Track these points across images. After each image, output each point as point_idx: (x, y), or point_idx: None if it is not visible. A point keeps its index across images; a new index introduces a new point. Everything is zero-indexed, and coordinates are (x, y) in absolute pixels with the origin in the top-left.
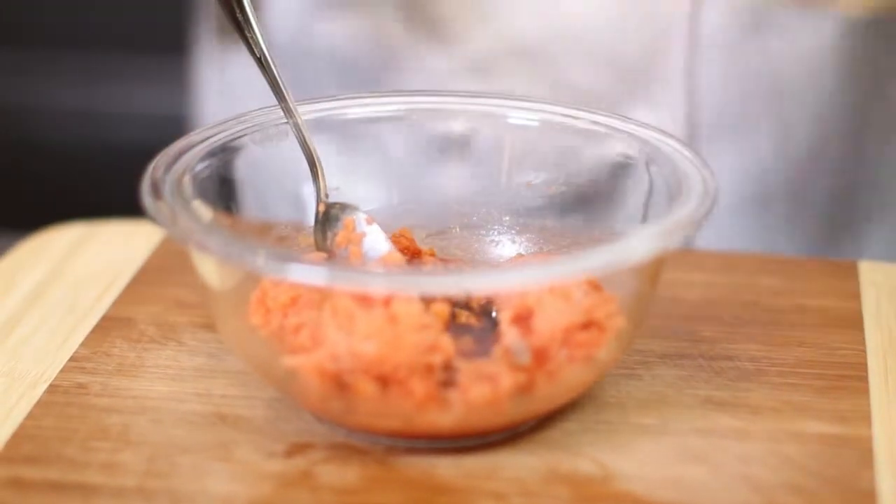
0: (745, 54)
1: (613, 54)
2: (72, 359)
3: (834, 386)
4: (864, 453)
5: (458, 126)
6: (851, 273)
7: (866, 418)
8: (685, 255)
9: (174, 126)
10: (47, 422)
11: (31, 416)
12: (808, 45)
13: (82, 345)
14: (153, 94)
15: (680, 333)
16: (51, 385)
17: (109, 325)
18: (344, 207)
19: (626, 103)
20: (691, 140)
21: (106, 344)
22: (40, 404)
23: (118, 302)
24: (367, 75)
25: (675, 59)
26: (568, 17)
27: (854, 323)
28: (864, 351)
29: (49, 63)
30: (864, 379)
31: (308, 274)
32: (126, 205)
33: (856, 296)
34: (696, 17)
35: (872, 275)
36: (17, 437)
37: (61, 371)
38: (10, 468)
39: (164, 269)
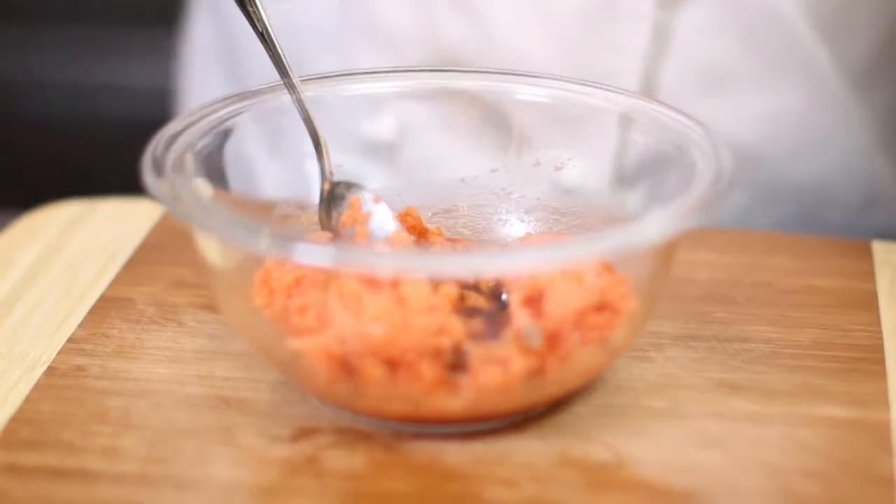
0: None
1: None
2: (70, 340)
3: (850, 369)
4: (881, 437)
5: (465, 102)
6: (865, 253)
7: (883, 402)
8: (695, 234)
9: (172, 101)
10: (45, 405)
11: (28, 399)
12: (766, 108)
13: (80, 326)
14: (150, 68)
15: (692, 315)
16: (49, 367)
17: (108, 306)
18: (349, 186)
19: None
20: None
21: (105, 325)
22: (38, 387)
23: (116, 282)
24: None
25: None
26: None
27: (869, 304)
28: (880, 333)
29: (47, 37)
30: (881, 361)
31: (314, 255)
32: (124, 181)
33: (870, 276)
34: (651, 76)
35: (887, 255)
36: (15, 421)
37: (59, 353)
38: (8, 453)
39: (164, 247)
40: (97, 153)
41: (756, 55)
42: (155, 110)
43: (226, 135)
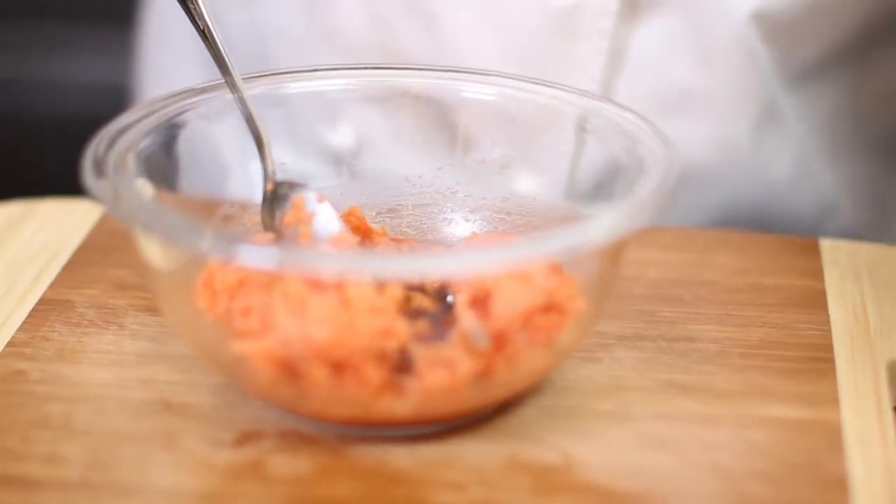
0: None
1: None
2: (9, 344)
3: (799, 368)
4: (832, 438)
5: (410, 99)
6: (812, 251)
7: (833, 401)
8: (641, 233)
9: (110, 97)
10: None
11: None
12: (721, 127)
13: (20, 329)
14: (91, 64)
15: (639, 314)
16: None
17: (48, 309)
18: (293, 186)
19: (507, 145)
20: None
21: (44, 328)
22: None
23: (56, 283)
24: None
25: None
26: None
27: (817, 302)
28: (829, 331)
29: None
30: (830, 360)
31: (257, 256)
32: (62, 181)
33: (818, 274)
34: (608, 95)
35: (835, 253)
36: None
37: None
38: None
39: (104, 248)
40: (35, 152)
41: (711, 73)
42: (98, 107)
43: (170, 133)
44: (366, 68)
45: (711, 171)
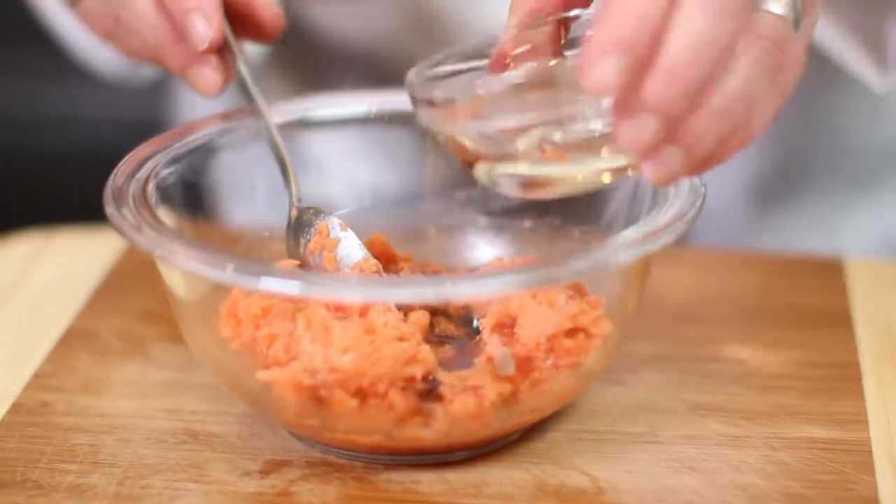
0: None
1: None
2: (35, 375)
3: (827, 388)
4: (862, 457)
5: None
6: (837, 269)
7: (862, 421)
8: (665, 254)
9: (135, 132)
10: (11, 443)
11: None
12: None
13: (45, 360)
14: (111, 97)
15: (664, 336)
16: (14, 404)
17: (73, 339)
18: (317, 212)
19: None
20: None
21: (70, 359)
22: (3, 425)
23: (81, 314)
24: (360, 69)
25: None
26: None
27: (843, 321)
28: (856, 350)
29: (3, 64)
30: (857, 379)
31: (281, 285)
32: (84, 210)
33: (843, 292)
34: None
35: (859, 270)
36: None
37: (24, 389)
38: None
39: (128, 278)
40: (56, 184)
41: None
42: (122, 142)
43: (191, 162)
44: (387, 93)
45: None
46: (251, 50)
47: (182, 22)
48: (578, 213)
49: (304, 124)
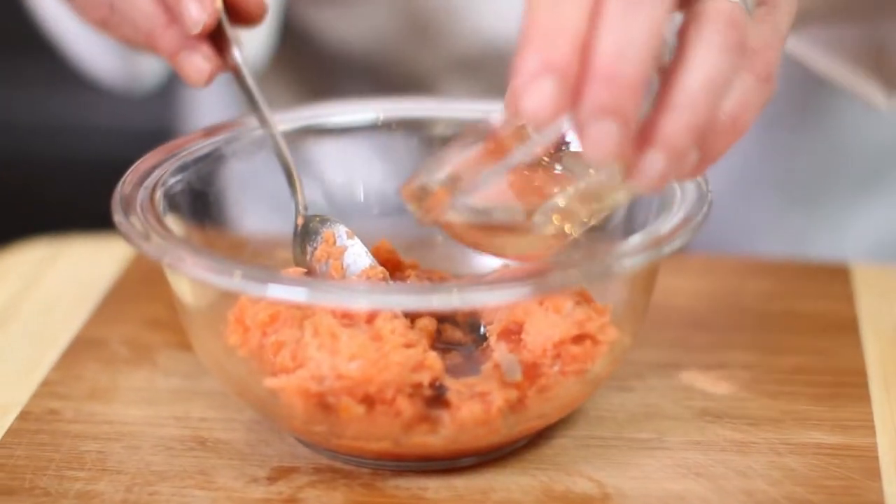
0: None
1: None
2: (43, 383)
3: (833, 393)
4: (868, 463)
5: (439, 132)
6: (844, 276)
7: (869, 426)
8: (671, 260)
9: (143, 141)
10: (20, 451)
11: (2, 444)
12: None
13: (53, 368)
14: (119, 106)
15: (671, 342)
16: (22, 412)
17: (81, 347)
18: (324, 220)
19: None
20: None
21: (78, 367)
22: (11, 432)
23: (89, 322)
24: (359, 73)
25: None
26: None
27: (849, 327)
28: (863, 356)
29: (13, 73)
30: (864, 385)
31: (288, 292)
32: (92, 219)
33: (849, 298)
34: None
35: (866, 276)
36: None
37: (32, 396)
38: None
39: (136, 286)
40: (62, 192)
41: None
42: (131, 150)
43: (198, 171)
44: (395, 100)
45: None
46: (253, 55)
47: (176, 6)
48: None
49: (311, 132)
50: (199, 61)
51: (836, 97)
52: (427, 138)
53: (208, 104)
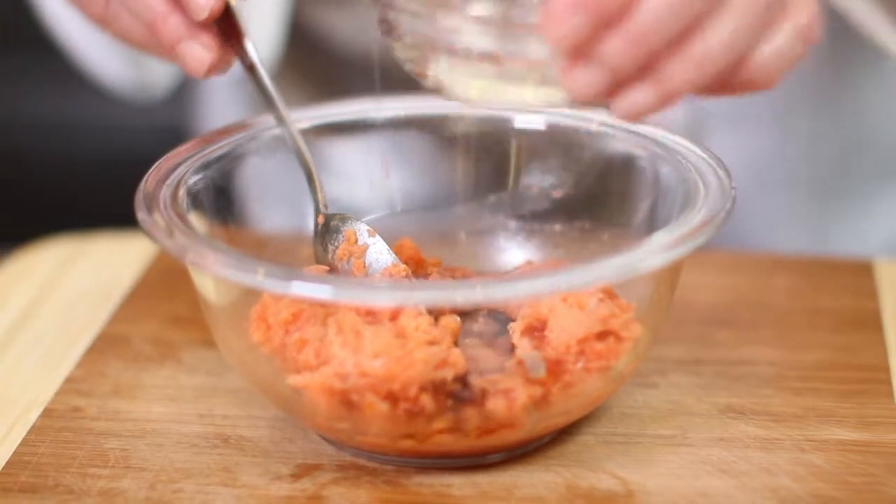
0: None
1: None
2: (67, 381)
3: (857, 390)
4: (892, 459)
5: (462, 130)
6: (867, 271)
7: (892, 422)
8: (695, 256)
9: (164, 139)
10: (43, 448)
11: (25, 442)
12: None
13: (77, 366)
14: (139, 105)
15: (695, 338)
16: (46, 409)
17: (104, 345)
18: (344, 219)
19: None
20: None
21: (101, 364)
22: (35, 429)
23: (112, 320)
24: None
25: None
26: None
27: (873, 323)
28: (886, 352)
29: (36, 71)
30: (888, 381)
31: (312, 290)
32: (114, 217)
33: (872, 295)
34: None
35: (890, 273)
36: (12, 464)
37: (56, 394)
38: (7, 499)
39: (159, 283)
40: (85, 190)
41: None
42: (145, 147)
43: (221, 168)
44: (416, 98)
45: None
46: (262, 56)
47: None
48: (609, 216)
49: (332, 129)
50: (199, 50)
51: (857, 87)
52: (446, 135)
53: (224, 103)
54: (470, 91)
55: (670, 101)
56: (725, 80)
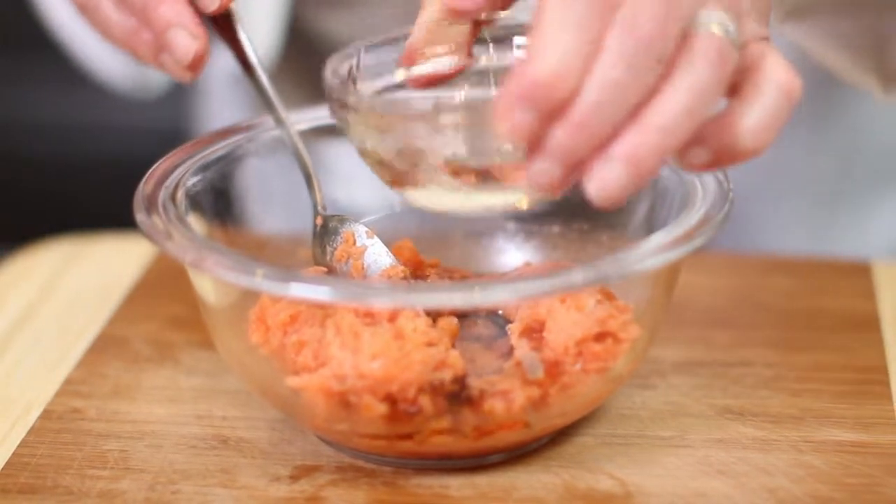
0: None
1: None
2: (66, 382)
3: (854, 391)
4: (890, 460)
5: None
6: (865, 273)
7: (890, 424)
8: (692, 257)
9: (164, 141)
10: (42, 449)
11: (24, 443)
12: None
13: (76, 367)
14: (138, 106)
15: (693, 340)
16: (45, 410)
17: (104, 346)
18: (343, 220)
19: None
20: None
21: (100, 365)
22: (34, 431)
23: (112, 321)
24: None
25: None
26: None
27: (871, 324)
28: (884, 353)
29: (36, 73)
30: (885, 382)
31: (311, 291)
32: (114, 218)
33: (871, 296)
34: None
35: (887, 274)
36: (11, 466)
37: (55, 395)
38: (6, 500)
39: (158, 285)
40: (84, 191)
41: None
42: (141, 149)
43: (219, 170)
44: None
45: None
46: (261, 56)
47: None
48: (607, 218)
49: (331, 131)
50: (187, 38)
51: (855, 95)
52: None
53: (223, 105)
54: (444, 205)
55: (643, 175)
56: (714, 153)
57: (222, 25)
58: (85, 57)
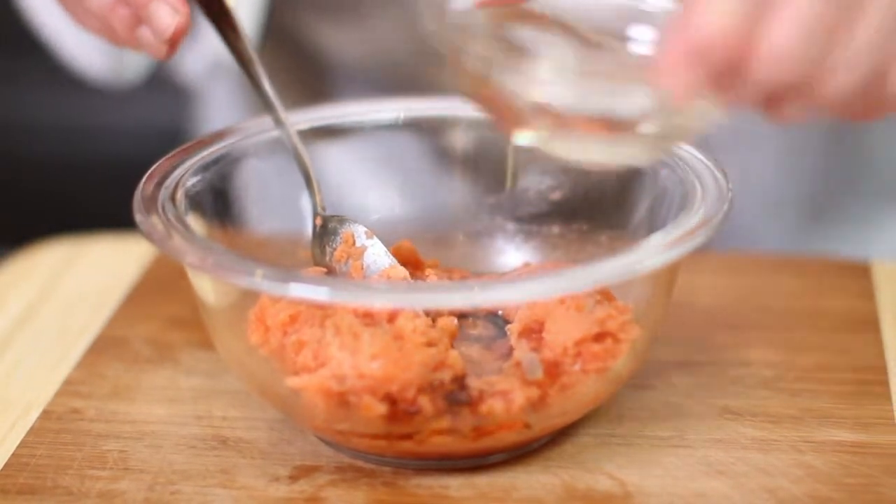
0: None
1: None
2: (65, 382)
3: (854, 391)
4: (889, 461)
5: (460, 132)
6: (864, 273)
7: (890, 424)
8: (692, 257)
9: (163, 141)
10: (41, 450)
11: (24, 444)
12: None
13: (76, 367)
14: (137, 106)
15: (692, 340)
16: (44, 411)
17: (103, 346)
18: (342, 220)
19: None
20: None
21: (100, 366)
22: (33, 431)
23: (111, 321)
24: (365, 86)
25: None
26: None
27: (871, 325)
28: (883, 353)
29: (36, 73)
30: (885, 383)
31: (310, 291)
32: (114, 218)
33: (870, 296)
34: None
35: (887, 274)
36: (11, 466)
37: (55, 395)
38: (5, 500)
39: (158, 285)
40: (83, 192)
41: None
42: (143, 149)
43: (218, 170)
44: (414, 100)
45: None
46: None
47: None
48: (607, 218)
49: (331, 132)
50: (168, 11)
51: None
52: (445, 137)
53: (222, 105)
54: (571, 154)
55: (821, 107)
56: (869, 98)
57: (221, 24)
58: (62, 49)
